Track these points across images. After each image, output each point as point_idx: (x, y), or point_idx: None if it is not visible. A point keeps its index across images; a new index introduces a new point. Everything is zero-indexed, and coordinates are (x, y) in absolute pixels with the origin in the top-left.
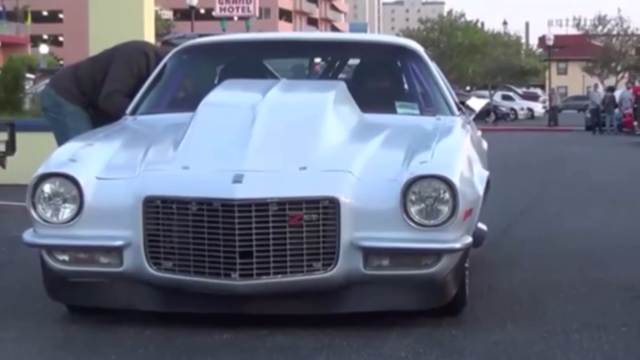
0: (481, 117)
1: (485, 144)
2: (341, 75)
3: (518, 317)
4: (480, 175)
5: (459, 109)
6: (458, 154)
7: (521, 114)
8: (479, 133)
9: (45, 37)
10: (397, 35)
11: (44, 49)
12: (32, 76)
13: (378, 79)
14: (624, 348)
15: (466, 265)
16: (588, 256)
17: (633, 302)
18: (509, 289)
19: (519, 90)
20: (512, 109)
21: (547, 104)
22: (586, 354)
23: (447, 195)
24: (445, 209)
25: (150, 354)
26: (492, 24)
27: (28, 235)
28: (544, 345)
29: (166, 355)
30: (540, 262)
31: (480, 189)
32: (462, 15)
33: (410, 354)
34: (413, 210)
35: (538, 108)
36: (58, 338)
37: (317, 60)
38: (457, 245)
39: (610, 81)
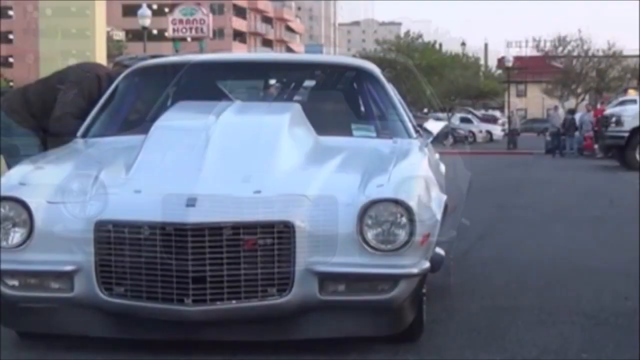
0: (439, 140)
1: (443, 167)
2: (296, 97)
3: (476, 344)
4: (438, 199)
5: (417, 131)
6: (415, 177)
7: (480, 137)
8: (437, 156)
9: None
10: (354, 56)
11: None
12: None
13: (334, 100)
14: None
15: (424, 290)
16: (547, 281)
17: (593, 329)
18: (467, 315)
19: (478, 113)
20: (471, 131)
21: (506, 126)
22: None
23: (404, 220)
24: (402, 234)
25: None
26: (451, 45)
27: None
28: None
29: None
30: (499, 288)
31: (438, 213)
32: (420, 36)
33: None
34: (369, 234)
35: (497, 131)
36: None
37: (272, 81)
38: (415, 271)
39: (571, 103)
